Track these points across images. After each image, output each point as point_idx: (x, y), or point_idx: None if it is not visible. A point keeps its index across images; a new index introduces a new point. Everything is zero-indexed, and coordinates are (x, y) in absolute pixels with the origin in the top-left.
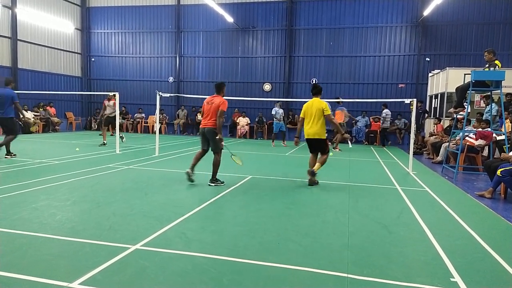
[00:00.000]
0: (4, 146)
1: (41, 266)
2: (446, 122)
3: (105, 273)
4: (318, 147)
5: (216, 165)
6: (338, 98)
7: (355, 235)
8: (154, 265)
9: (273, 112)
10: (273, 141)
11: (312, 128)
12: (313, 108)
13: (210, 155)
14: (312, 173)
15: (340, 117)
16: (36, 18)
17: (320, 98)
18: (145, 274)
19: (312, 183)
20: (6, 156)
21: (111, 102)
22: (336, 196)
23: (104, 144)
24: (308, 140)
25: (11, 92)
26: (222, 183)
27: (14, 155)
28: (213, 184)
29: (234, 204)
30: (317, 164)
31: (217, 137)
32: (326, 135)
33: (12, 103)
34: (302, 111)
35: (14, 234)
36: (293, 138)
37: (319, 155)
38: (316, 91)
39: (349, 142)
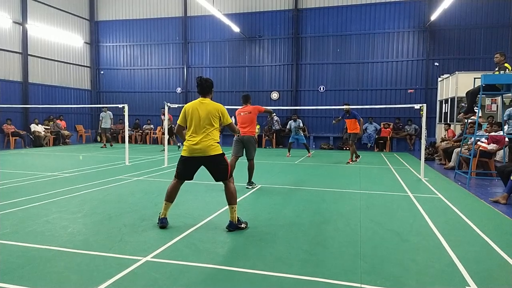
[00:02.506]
0: None
1: (53, 279)
2: (457, 127)
3: (117, 286)
4: None
5: (252, 170)
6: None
7: (368, 243)
8: (165, 276)
9: (287, 127)
10: (288, 151)
11: None
12: None
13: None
14: None
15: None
16: (46, 33)
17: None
18: (156, 286)
19: None
20: None
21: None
22: (347, 204)
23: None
24: None
25: None
26: (255, 185)
27: None
28: (250, 187)
29: (243, 213)
30: None
31: (273, 114)
32: None
33: None
34: None
35: (27, 247)
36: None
37: None
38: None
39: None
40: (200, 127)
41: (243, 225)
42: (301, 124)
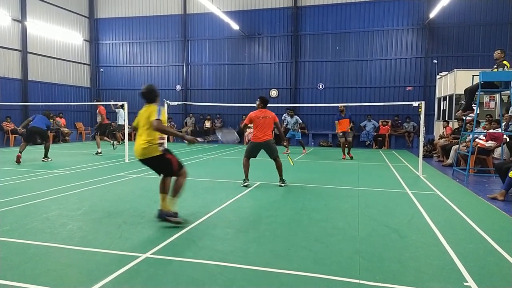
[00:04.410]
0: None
1: (53, 276)
2: (455, 125)
3: (116, 282)
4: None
5: (281, 168)
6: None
7: (366, 240)
8: (165, 273)
9: (284, 123)
10: (287, 148)
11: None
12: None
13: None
14: None
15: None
16: (45, 30)
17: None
18: (156, 282)
19: None
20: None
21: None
22: (346, 201)
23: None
24: None
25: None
26: (287, 182)
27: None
28: (283, 185)
29: (242, 210)
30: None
31: (285, 142)
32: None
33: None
34: None
35: (26, 244)
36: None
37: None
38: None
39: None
40: (139, 129)
41: (172, 219)
42: (300, 121)
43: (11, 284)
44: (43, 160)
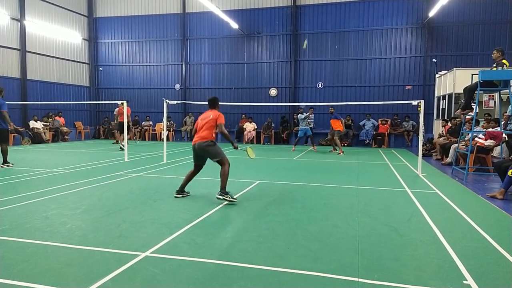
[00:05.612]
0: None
1: (52, 275)
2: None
3: (116, 281)
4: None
5: (225, 176)
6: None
7: (365, 239)
8: (164, 272)
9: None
10: (294, 146)
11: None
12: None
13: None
14: None
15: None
16: (44, 29)
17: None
18: (155, 281)
19: None
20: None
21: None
22: (345, 200)
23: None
24: None
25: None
26: (233, 199)
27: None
28: (221, 197)
29: (242, 209)
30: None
31: (235, 146)
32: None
33: None
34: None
35: (26, 243)
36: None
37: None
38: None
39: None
40: None
41: None
42: (302, 117)
43: (10, 283)
44: (1, 166)
